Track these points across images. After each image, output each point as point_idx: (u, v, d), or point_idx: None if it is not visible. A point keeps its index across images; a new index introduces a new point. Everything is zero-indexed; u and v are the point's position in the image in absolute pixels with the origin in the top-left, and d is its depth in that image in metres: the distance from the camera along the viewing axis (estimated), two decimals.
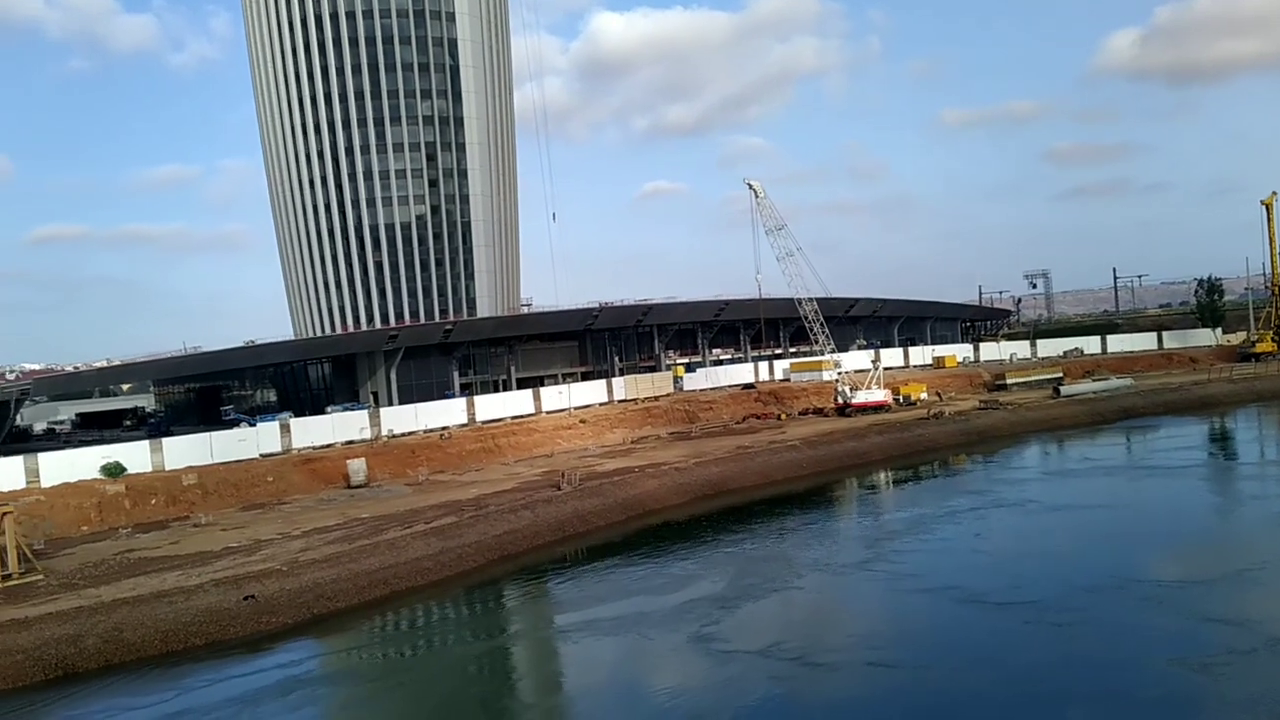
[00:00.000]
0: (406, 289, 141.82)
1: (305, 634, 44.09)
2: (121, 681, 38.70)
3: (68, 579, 50.01)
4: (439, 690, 37.72)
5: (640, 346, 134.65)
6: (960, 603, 41.90)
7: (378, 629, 45.94)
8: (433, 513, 61.76)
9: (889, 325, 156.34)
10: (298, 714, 35.06)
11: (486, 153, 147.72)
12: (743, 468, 76.75)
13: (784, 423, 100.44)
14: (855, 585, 46.93)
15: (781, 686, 33.80)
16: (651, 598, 45.83)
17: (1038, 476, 73.59)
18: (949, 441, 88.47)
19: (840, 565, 50.22)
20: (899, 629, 40.24)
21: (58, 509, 65.51)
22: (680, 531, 61.51)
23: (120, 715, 35.50)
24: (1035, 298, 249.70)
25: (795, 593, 46.10)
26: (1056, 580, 43.95)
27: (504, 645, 43.24)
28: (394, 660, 41.93)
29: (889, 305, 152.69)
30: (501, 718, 34.68)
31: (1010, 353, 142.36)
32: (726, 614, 42.37)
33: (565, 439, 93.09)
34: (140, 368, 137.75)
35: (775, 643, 37.87)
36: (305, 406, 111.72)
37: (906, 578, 46.30)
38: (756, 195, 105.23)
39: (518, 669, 40.94)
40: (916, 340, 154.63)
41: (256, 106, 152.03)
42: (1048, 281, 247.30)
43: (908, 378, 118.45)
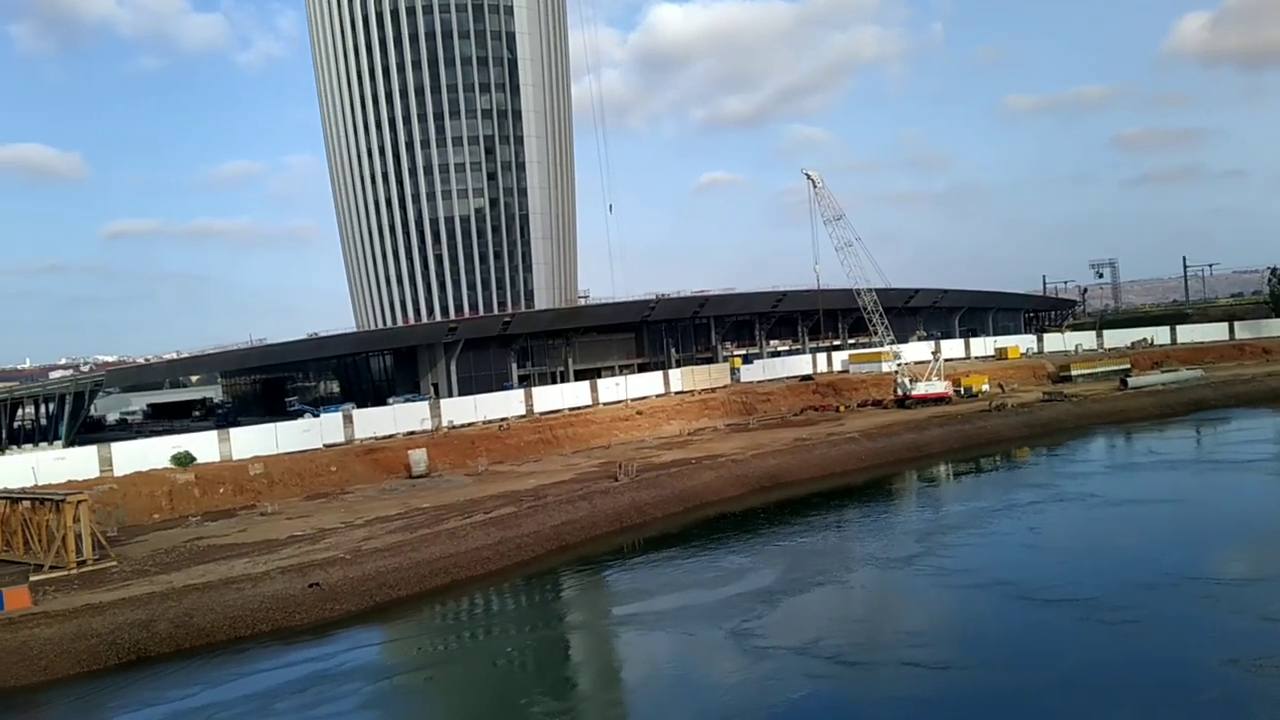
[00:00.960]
0: (466, 281, 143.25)
1: (368, 621, 44.92)
2: (192, 666, 39.79)
3: (140, 565, 51.50)
4: (497, 680, 38.19)
5: (697, 338, 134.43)
6: (1010, 599, 41.22)
7: (439, 617, 46.61)
8: (492, 503, 62.45)
9: (950, 316, 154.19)
10: (362, 701, 35.73)
11: (544, 145, 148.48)
12: (800, 460, 76.38)
13: (842, 415, 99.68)
14: (905, 580, 46.45)
15: (816, 685, 33.36)
16: (702, 591, 45.85)
17: (1101, 470, 72.18)
18: (1011, 434, 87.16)
19: (892, 559, 49.74)
20: (944, 626, 39.80)
21: (130, 497, 67.47)
22: (737, 523, 61.47)
23: (192, 699, 36.46)
24: (1101, 287, 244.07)
25: (844, 588, 45.81)
26: (1112, 577, 43.10)
27: (560, 636, 43.63)
28: (454, 648, 42.56)
29: (950, 296, 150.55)
30: (553, 709, 34.93)
31: (1075, 344, 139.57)
32: (772, 609, 42.14)
33: (622, 430, 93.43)
34: (208, 360, 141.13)
35: (817, 639, 37.54)
36: (367, 398, 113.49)
37: (958, 573, 45.77)
38: (815, 185, 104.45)
39: (572, 660, 41.19)
40: (978, 331, 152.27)
41: (319, 103, 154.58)
42: (1115, 271, 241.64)
43: (969, 369, 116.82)
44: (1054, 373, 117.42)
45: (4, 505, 56.28)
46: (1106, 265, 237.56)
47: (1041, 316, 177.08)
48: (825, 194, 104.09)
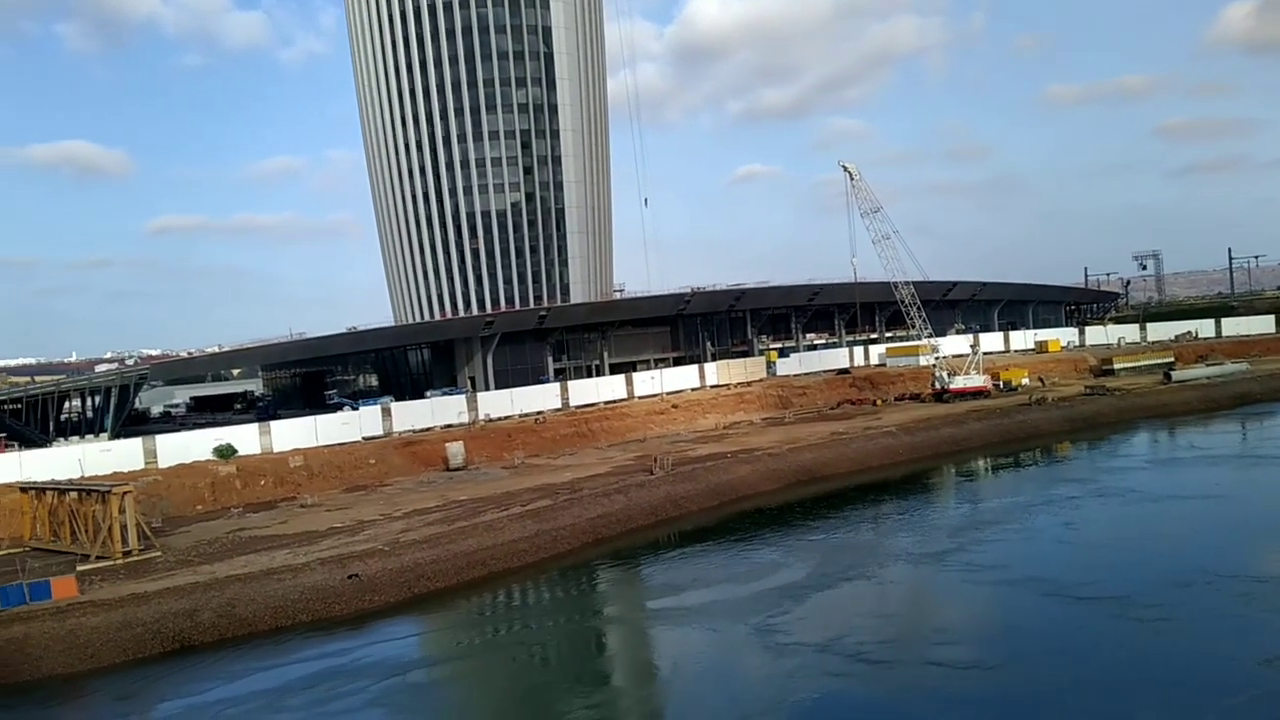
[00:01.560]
0: (502, 275, 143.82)
1: (406, 612, 45.41)
2: (234, 655, 40.45)
3: (184, 556, 52.39)
4: (531, 672, 38.50)
5: (733, 331, 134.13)
6: (1041, 596, 40.80)
7: (475, 609, 47.00)
8: (528, 496, 62.82)
9: (989, 309, 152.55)
10: (399, 691, 36.13)
11: (580, 139, 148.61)
12: (837, 454, 76.06)
13: (879, 408, 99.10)
14: (935, 576, 46.15)
15: (836, 684, 33.13)
16: (734, 586, 45.83)
17: (1143, 465, 71.18)
18: (1052, 428, 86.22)
19: (925, 554, 49.42)
20: (971, 623, 39.49)
21: (174, 489, 68.60)
22: (772, 517, 61.34)
23: (235, 687, 37.09)
24: (1145, 280, 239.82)
25: (874, 583, 45.51)
26: (1147, 574, 42.55)
27: (592, 630, 43.80)
28: (490, 640, 42.88)
29: (989, 289, 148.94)
30: (583, 702, 35.06)
31: (1118, 337, 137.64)
32: (801, 605, 41.99)
33: (657, 424, 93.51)
34: (249, 353, 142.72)
35: (842, 636, 37.30)
36: (405, 391, 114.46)
37: (989, 569, 45.41)
38: (852, 177, 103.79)
39: (603, 655, 41.36)
40: (1018, 324, 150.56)
41: (358, 99, 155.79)
42: (1158, 263, 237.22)
43: (1008, 363, 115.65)
44: (1096, 366, 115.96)
45: (52, 496, 57.51)
46: (1150, 257, 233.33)
47: (1083, 309, 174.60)
48: (862, 186, 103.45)
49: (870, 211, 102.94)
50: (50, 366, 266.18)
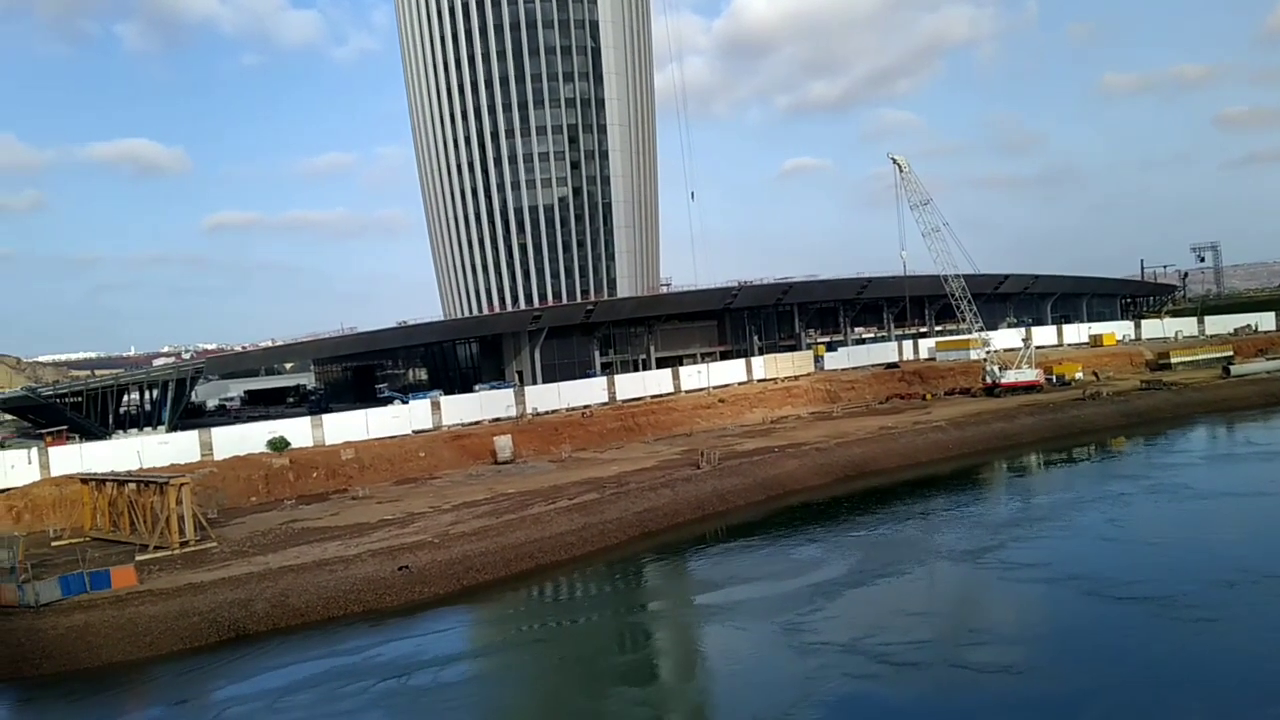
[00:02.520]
0: (549, 270, 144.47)
1: (455, 604, 45.90)
2: (288, 644, 41.17)
3: (239, 546, 53.39)
4: (575, 665, 38.60)
5: (780, 325, 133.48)
6: (1081, 594, 40.06)
7: (523, 601, 47.38)
8: (575, 489, 63.11)
9: (1041, 302, 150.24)
10: (448, 681, 36.54)
11: (627, 134, 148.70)
12: (885, 449, 75.46)
13: (929, 403, 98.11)
14: (976, 574, 45.46)
15: (856, 686, 32.63)
16: (771, 583, 45.67)
17: (1198, 461, 69.73)
18: (1107, 423, 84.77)
19: (968, 551, 48.79)
20: (1007, 623, 38.88)
21: (229, 481, 69.91)
22: (819, 513, 61.05)
23: (289, 676, 37.74)
24: (1203, 272, 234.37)
25: (913, 581, 45.00)
26: (1193, 572, 41.58)
27: (634, 624, 43.87)
28: (537, 633, 43.21)
29: (1041, 281, 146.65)
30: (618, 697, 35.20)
31: (1175, 330, 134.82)
32: (835, 602, 41.59)
33: (704, 418, 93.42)
34: (301, 347, 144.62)
35: (871, 636, 36.72)
36: (454, 385, 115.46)
37: (1031, 566, 44.76)
38: (901, 170, 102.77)
39: (643, 649, 41.33)
40: (1071, 318, 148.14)
41: (407, 95, 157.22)
42: (1217, 254, 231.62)
43: (1061, 356, 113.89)
44: (1152, 360, 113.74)
45: (112, 487, 58.89)
46: (1208, 249, 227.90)
47: (1139, 302, 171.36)
48: (912, 179, 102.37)
49: (920, 204, 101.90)
50: (110, 360, 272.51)
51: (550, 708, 34.59)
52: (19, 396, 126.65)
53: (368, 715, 33.28)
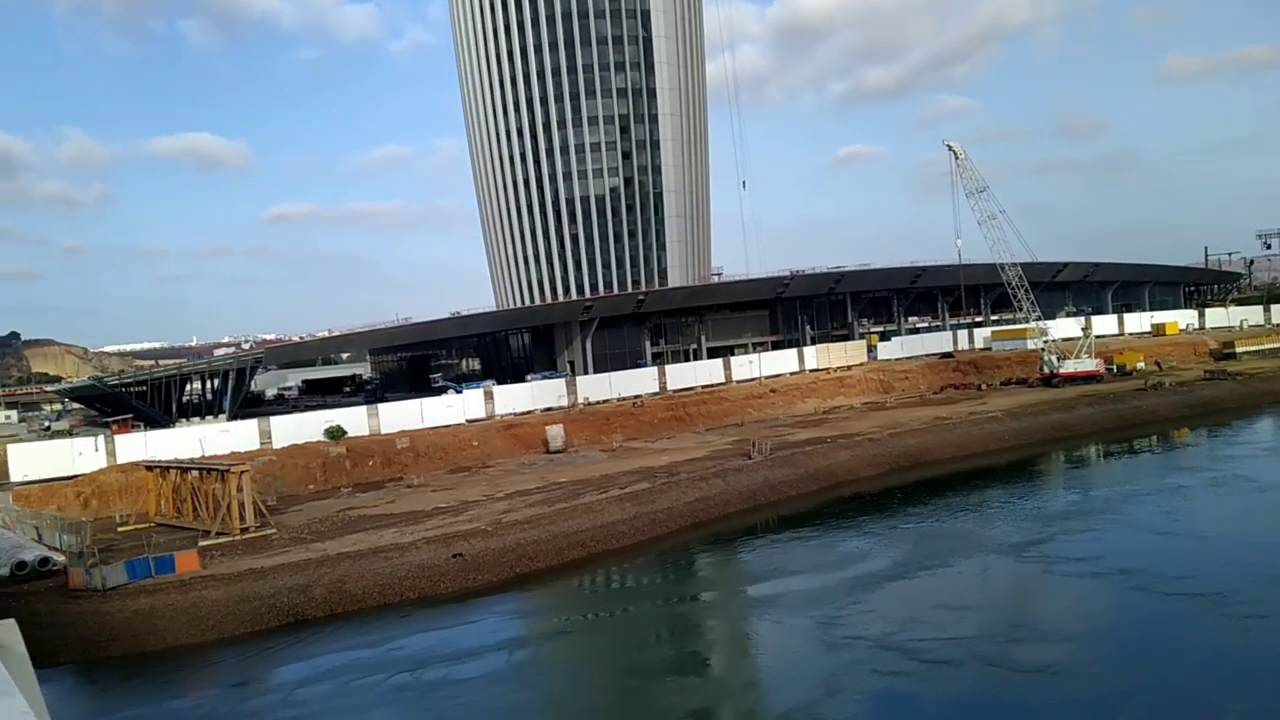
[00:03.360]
0: (601, 260, 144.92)
1: (508, 591, 46.37)
2: (345, 630, 41.93)
3: (297, 533, 54.42)
4: (624, 654, 38.84)
5: (832, 315, 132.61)
6: (1130, 590, 39.21)
7: (574, 590, 47.73)
8: (627, 478, 63.36)
9: (1101, 291, 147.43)
10: (500, 667, 37.04)
11: (678, 123, 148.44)
12: (940, 439, 74.70)
13: (984, 393, 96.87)
14: (1021, 567, 44.68)
15: (883, 684, 32.07)
16: (815, 575, 45.32)
17: (1262, 453, 68.14)
18: (1169, 414, 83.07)
19: (1016, 544, 47.99)
20: (1048, 619, 38.08)
21: (287, 468, 71.26)
22: (871, 504, 60.62)
23: (347, 660, 38.46)
24: (1270, 259, 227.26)
25: (956, 574, 44.32)
26: (1247, 568, 40.48)
27: (682, 615, 43.80)
28: (590, 621, 43.54)
29: (1102, 269, 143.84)
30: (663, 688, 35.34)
31: (1240, 319, 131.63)
32: (874, 596, 41.08)
33: (756, 408, 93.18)
34: (357, 338, 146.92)
35: (907, 632, 36.07)
36: (507, 374, 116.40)
37: (1079, 560, 43.92)
38: (956, 156, 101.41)
39: (690, 641, 41.25)
40: (1133, 306, 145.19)
41: (460, 87, 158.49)
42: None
43: (1122, 346, 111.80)
44: (1217, 349, 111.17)
45: (175, 474, 60.37)
46: (1275, 236, 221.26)
47: (1203, 290, 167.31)
48: (968, 165, 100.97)
49: (976, 191, 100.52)
50: (173, 350, 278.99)
51: (590, 698, 34.77)
52: (86, 386, 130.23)
53: (422, 701, 33.82)
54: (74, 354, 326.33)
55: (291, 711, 33.80)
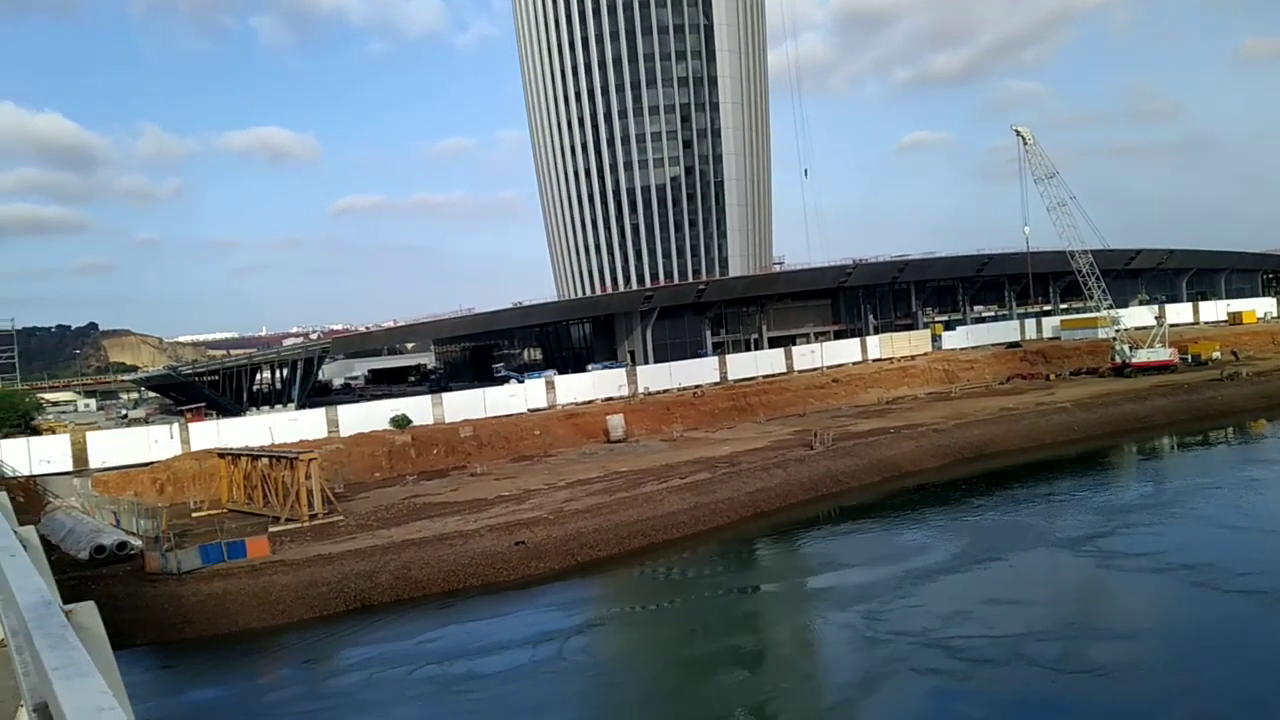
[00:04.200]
0: (661, 250, 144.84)
1: (570, 579, 46.72)
2: (410, 615, 42.67)
3: (363, 520, 55.40)
4: (682, 646, 38.78)
5: (896, 304, 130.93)
6: (1190, 585, 38.08)
7: (635, 579, 47.92)
8: (687, 468, 63.38)
9: (1176, 278, 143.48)
10: (561, 656, 37.31)
11: (740, 111, 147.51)
12: (1006, 430, 73.47)
13: (1053, 383, 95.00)
14: (1079, 561, 43.69)
15: (917, 683, 31.48)
16: (871, 568, 44.77)
17: None
18: (1246, 405, 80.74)
19: (1077, 537, 46.86)
20: (1101, 617, 36.96)
21: (354, 456, 72.56)
22: (935, 495, 59.91)
23: (413, 645, 39.16)
24: None
25: (1012, 569, 43.30)
26: None
27: (737, 607, 43.72)
28: (648, 611, 43.76)
29: (1176, 256, 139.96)
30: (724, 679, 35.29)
31: None
32: (926, 590, 40.38)
33: (817, 398, 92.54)
34: (422, 328, 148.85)
35: (952, 629, 35.21)
36: (568, 364, 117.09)
37: (1142, 555, 42.81)
38: (1025, 142, 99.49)
39: (741, 634, 40.96)
40: (1208, 295, 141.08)
41: (522, 79, 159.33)
42: None
43: (1197, 335, 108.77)
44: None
45: (246, 462, 61.84)
46: None
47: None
48: (1037, 151, 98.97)
49: (1045, 177, 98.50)
50: (243, 341, 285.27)
51: (642, 691, 34.80)
52: (161, 375, 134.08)
53: (481, 688, 34.27)
54: (150, 344, 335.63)
55: (359, 695, 34.52)
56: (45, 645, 5.07)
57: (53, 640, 5.16)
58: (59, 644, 5.07)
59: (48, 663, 4.74)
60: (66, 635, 5.26)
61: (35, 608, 5.96)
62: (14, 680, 7.08)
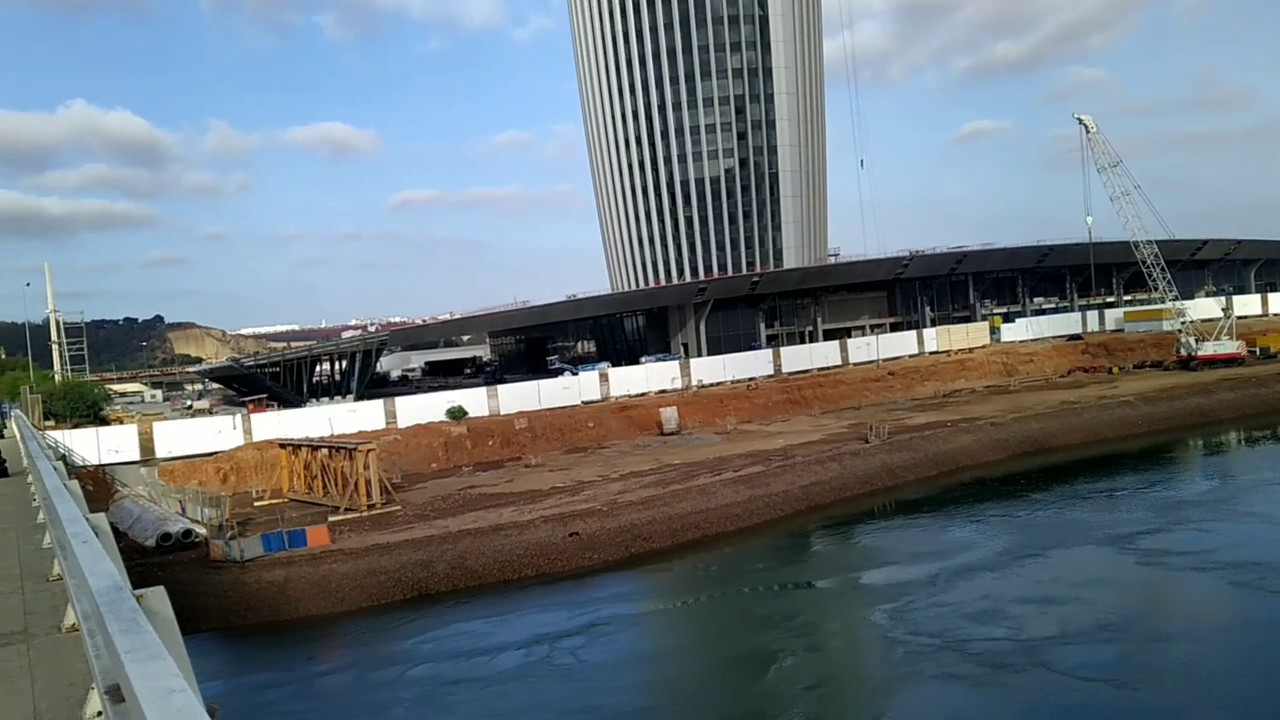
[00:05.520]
0: (715, 242, 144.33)
1: (622, 571, 46.93)
2: (467, 604, 43.18)
3: (420, 510, 56.10)
4: (727, 642, 38.44)
5: (953, 296, 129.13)
6: (1238, 586, 36.88)
7: (687, 571, 47.88)
8: (740, 461, 63.21)
9: (1244, 269, 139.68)
10: (616, 646, 37.58)
11: (795, 102, 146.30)
12: (1066, 424, 72.21)
13: (1115, 376, 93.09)
14: (1123, 559, 42.44)
15: (929, 689, 30.80)
16: (912, 565, 44.09)
17: None
18: None
19: (1126, 534, 45.68)
20: (1142, 617, 35.72)
21: (411, 447, 73.47)
22: (992, 491, 59.00)
23: (468, 634, 39.64)
24: None
25: (1055, 565, 42.16)
26: None
27: (788, 601, 43.23)
28: (698, 604, 43.74)
29: (1244, 246, 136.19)
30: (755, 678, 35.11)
31: None
32: (961, 588, 39.66)
33: (873, 391, 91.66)
34: (477, 320, 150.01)
35: (978, 628, 34.58)
36: (621, 357, 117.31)
37: (1190, 554, 41.67)
38: (1088, 131, 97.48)
39: (801, 630, 40.26)
40: (1278, 286, 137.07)
41: (577, 72, 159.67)
42: None
43: (1266, 327, 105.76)
44: None
45: (306, 452, 62.91)
46: None
47: None
48: (1100, 140, 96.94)
49: (1108, 166, 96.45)
50: (303, 333, 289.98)
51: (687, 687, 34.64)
52: (224, 366, 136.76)
53: (535, 677, 34.55)
54: (213, 336, 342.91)
55: (413, 682, 35.03)
56: (117, 629, 5.22)
57: (124, 624, 5.31)
58: (130, 627, 5.21)
59: (120, 646, 4.88)
60: (138, 619, 5.41)
61: (107, 592, 6.14)
62: (85, 663, 7.32)
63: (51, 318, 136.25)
